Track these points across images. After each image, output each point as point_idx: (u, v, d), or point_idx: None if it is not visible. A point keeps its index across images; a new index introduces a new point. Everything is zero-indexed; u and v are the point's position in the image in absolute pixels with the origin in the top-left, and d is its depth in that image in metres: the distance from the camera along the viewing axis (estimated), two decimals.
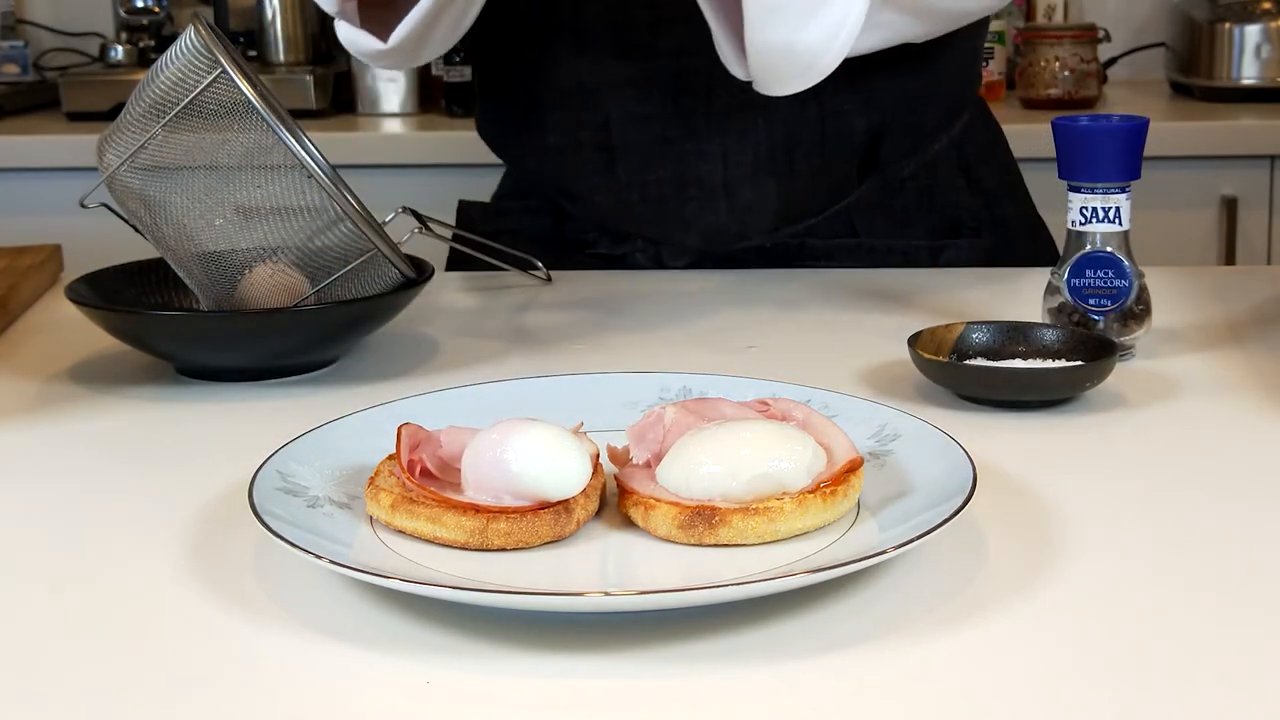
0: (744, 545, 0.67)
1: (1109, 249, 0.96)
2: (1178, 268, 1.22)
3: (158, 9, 2.69)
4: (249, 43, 2.63)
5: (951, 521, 0.65)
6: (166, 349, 0.98)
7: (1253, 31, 2.46)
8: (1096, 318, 0.97)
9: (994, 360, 0.93)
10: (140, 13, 2.69)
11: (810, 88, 1.04)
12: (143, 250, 1.03)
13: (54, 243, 1.30)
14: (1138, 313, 0.97)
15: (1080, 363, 0.91)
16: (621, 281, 1.24)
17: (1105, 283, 0.96)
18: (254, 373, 0.98)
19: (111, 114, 1.03)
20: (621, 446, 0.75)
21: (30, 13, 2.92)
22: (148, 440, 0.89)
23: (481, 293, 1.21)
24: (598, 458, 0.71)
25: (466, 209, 1.36)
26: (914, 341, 0.93)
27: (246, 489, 0.69)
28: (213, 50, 0.92)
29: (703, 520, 0.67)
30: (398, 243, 1.00)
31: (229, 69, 0.92)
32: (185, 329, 0.97)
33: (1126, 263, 0.96)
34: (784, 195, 1.23)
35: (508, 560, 0.66)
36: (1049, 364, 0.92)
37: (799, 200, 1.24)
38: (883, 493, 0.71)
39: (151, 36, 2.69)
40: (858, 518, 0.70)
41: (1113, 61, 2.66)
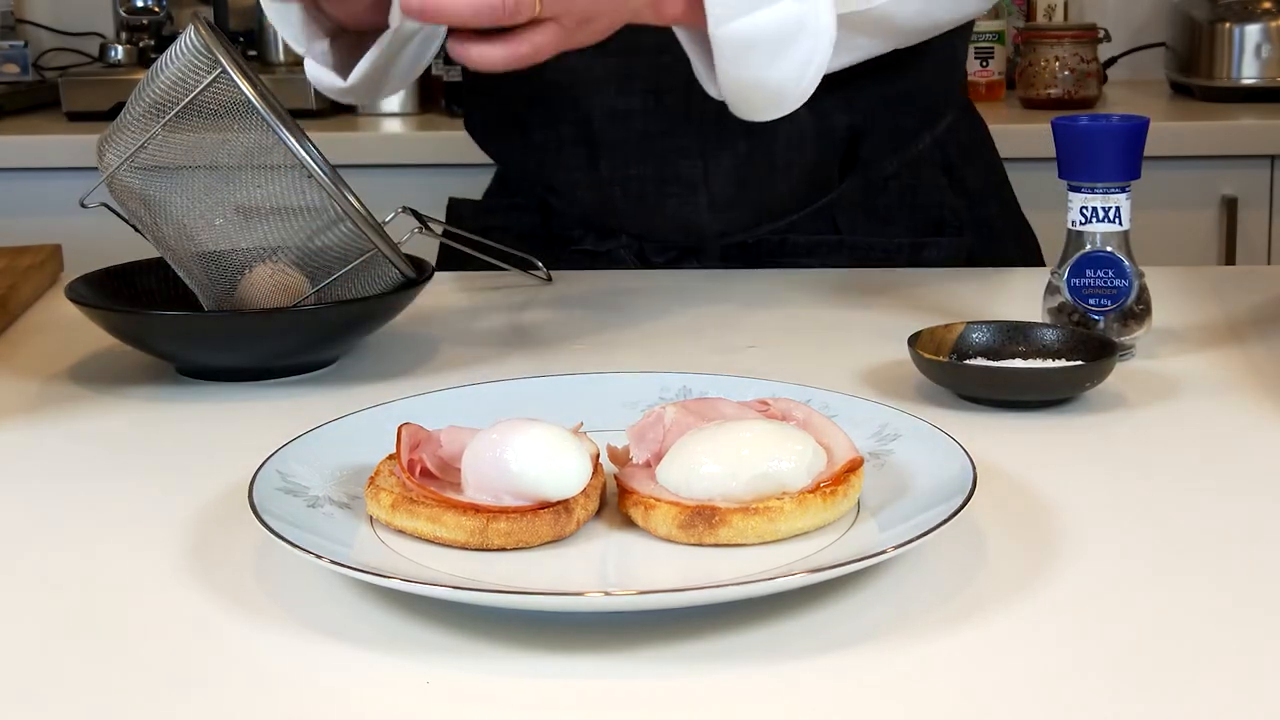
0: (744, 545, 0.67)
1: (1109, 249, 0.96)
2: (1178, 268, 1.22)
3: (158, 9, 2.69)
4: (249, 43, 2.63)
5: (951, 521, 0.65)
6: (166, 349, 0.98)
7: (1253, 31, 2.46)
8: (1096, 318, 0.97)
9: (994, 360, 0.93)
10: (140, 13, 2.69)
11: None
12: (143, 250, 1.03)
13: (54, 243, 1.30)
14: (1138, 313, 0.97)
15: (1080, 363, 0.91)
16: (622, 281, 1.24)
17: (1105, 283, 0.96)
18: (254, 373, 0.98)
19: (111, 114, 1.03)
20: (621, 446, 0.74)
21: (30, 13, 2.93)
22: (148, 440, 0.88)
23: (481, 293, 1.21)
24: (598, 458, 0.71)
25: (456, 206, 1.38)
26: (914, 341, 0.93)
27: (246, 489, 0.69)
28: (213, 50, 0.92)
29: (703, 520, 0.66)
30: (398, 243, 1.00)
31: (229, 69, 0.92)
32: (185, 329, 0.97)
33: (1126, 263, 0.96)
34: (764, 192, 1.24)
35: (508, 560, 0.66)
36: (1049, 364, 0.92)
37: (780, 197, 1.25)
38: (883, 493, 0.71)
39: (151, 36, 2.69)
40: (858, 518, 0.70)
41: (1113, 61, 2.66)
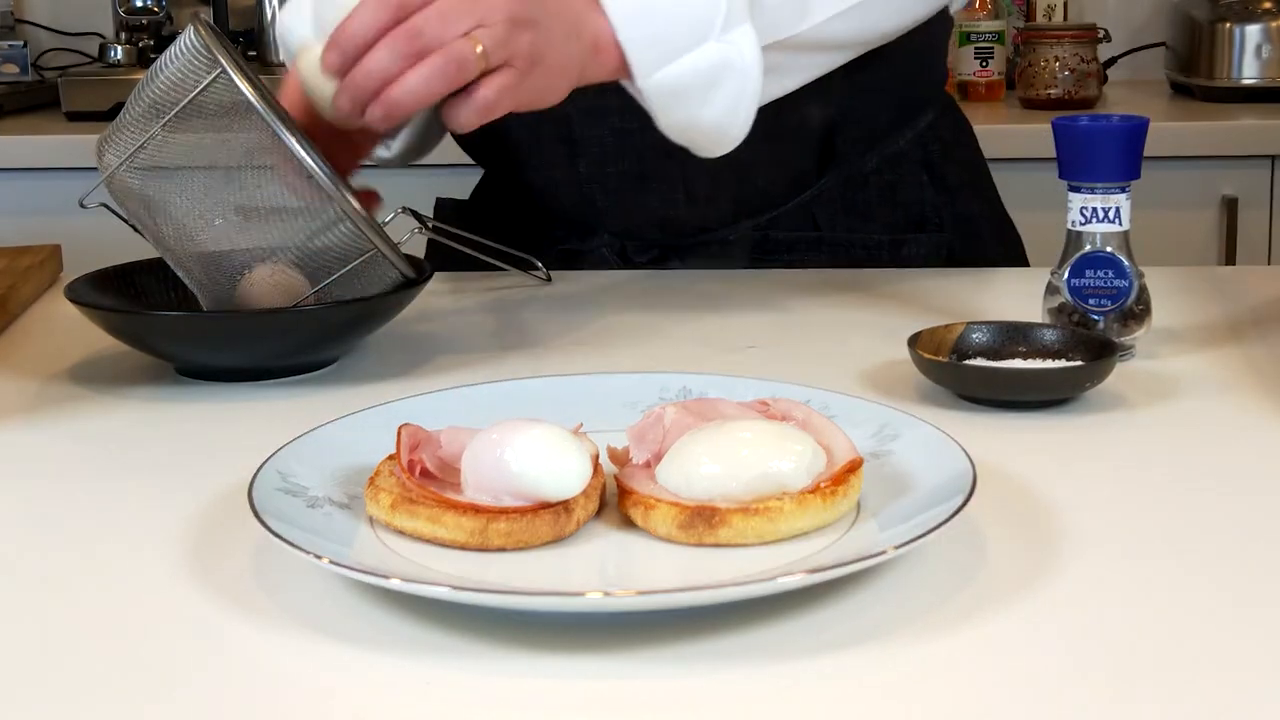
0: (744, 545, 0.67)
1: (1109, 249, 0.96)
2: (1178, 268, 1.22)
3: (157, 9, 2.68)
4: (249, 43, 2.63)
5: (951, 521, 0.65)
6: (166, 349, 0.98)
7: (1253, 31, 2.46)
8: (1096, 318, 0.97)
9: (994, 360, 0.93)
10: (140, 13, 2.68)
11: None
12: (143, 250, 1.03)
13: (54, 243, 1.30)
14: (1138, 313, 0.97)
15: (1080, 363, 0.91)
16: (622, 282, 1.24)
17: (1105, 283, 0.96)
18: (254, 373, 0.98)
19: (111, 114, 1.03)
20: (621, 446, 0.74)
21: (30, 13, 2.92)
22: (148, 440, 0.88)
23: (481, 293, 1.21)
24: (598, 458, 0.71)
25: (442, 206, 1.38)
26: (914, 341, 0.93)
27: (246, 489, 0.69)
28: (212, 50, 0.92)
29: (703, 520, 0.66)
30: (398, 243, 1.00)
31: (229, 69, 0.92)
32: (185, 329, 0.97)
33: (1126, 263, 0.96)
34: (741, 187, 1.24)
35: (508, 560, 0.66)
36: (1049, 364, 0.92)
37: (757, 192, 1.26)
38: (883, 493, 0.71)
39: (151, 36, 2.69)
40: (858, 518, 0.70)
41: (1113, 61, 2.66)
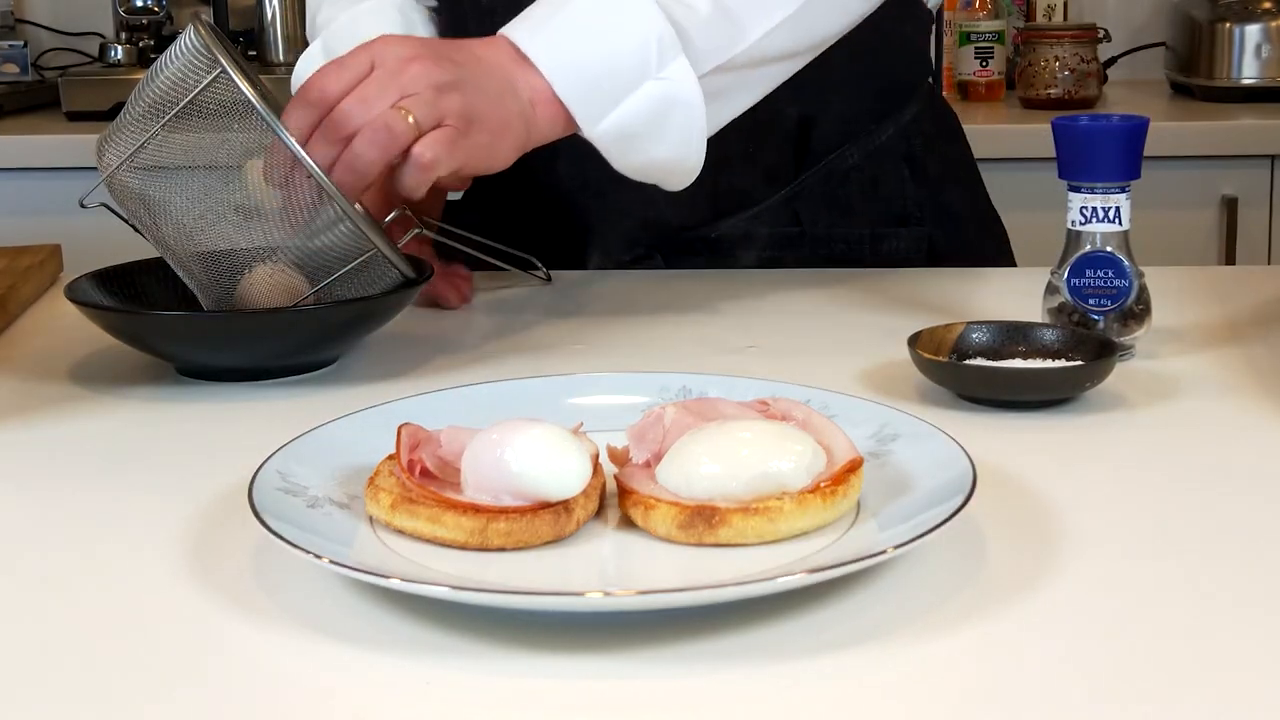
0: (744, 545, 0.67)
1: (1109, 249, 0.96)
2: (1178, 268, 1.22)
3: (157, 9, 2.68)
4: (249, 43, 2.63)
5: (951, 521, 0.65)
6: (166, 349, 0.98)
7: (1253, 31, 2.46)
8: (1096, 318, 0.97)
9: (994, 360, 0.93)
10: (140, 12, 2.68)
11: None
12: (143, 250, 1.03)
13: (54, 243, 1.30)
14: (1138, 312, 0.97)
15: (1080, 363, 0.91)
16: (622, 282, 1.24)
17: (1105, 283, 0.96)
18: (254, 373, 0.98)
19: (111, 114, 1.03)
20: (621, 446, 0.74)
21: (30, 13, 2.92)
22: (148, 440, 0.88)
23: (480, 293, 1.21)
24: (598, 458, 0.71)
25: None
26: (914, 341, 0.93)
27: (246, 489, 0.69)
28: (212, 50, 0.92)
29: (703, 520, 0.66)
30: (397, 243, 1.00)
31: (229, 69, 0.92)
32: (185, 329, 0.97)
33: (1126, 263, 0.96)
34: (718, 184, 1.24)
35: (508, 560, 0.66)
36: (1049, 364, 0.92)
37: (734, 189, 1.26)
38: (883, 493, 0.71)
39: (151, 36, 2.69)
40: (858, 518, 0.70)
41: (1113, 61, 2.66)
